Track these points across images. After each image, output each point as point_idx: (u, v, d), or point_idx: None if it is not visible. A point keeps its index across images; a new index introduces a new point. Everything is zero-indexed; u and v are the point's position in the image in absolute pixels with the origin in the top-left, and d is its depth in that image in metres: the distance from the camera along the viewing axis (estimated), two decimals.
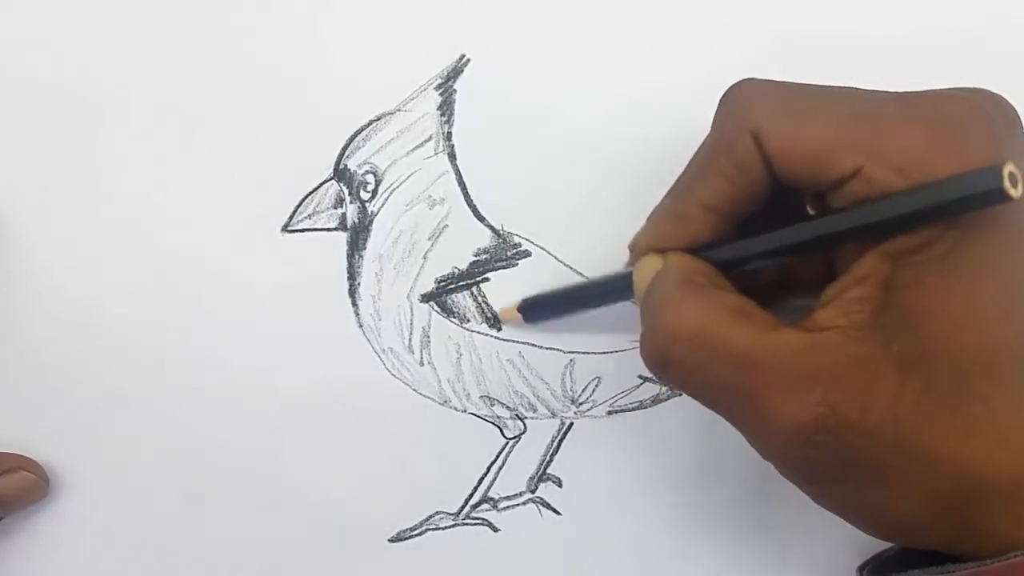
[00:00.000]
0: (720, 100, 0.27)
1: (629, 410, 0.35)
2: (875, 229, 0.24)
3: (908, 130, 0.24)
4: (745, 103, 0.26)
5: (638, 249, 0.29)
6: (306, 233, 0.34)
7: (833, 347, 0.24)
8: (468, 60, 0.34)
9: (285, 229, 0.34)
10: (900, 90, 0.26)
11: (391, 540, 0.35)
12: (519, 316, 0.34)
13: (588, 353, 0.34)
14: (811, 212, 0.29)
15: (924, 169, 0.23)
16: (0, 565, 0.35)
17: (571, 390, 0.35)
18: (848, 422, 0.24)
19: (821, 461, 0.25)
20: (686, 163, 0.28)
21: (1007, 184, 0.22)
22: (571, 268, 0.34)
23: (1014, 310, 0.24)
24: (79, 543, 0.35)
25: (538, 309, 0.34)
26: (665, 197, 0.29)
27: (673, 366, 0.26)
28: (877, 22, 0.34)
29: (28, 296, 0.34)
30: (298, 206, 0.34)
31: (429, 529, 0.35)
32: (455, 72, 0.34)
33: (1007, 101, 0.26)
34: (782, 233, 0.26)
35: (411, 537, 0.35)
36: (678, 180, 0.29)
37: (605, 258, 0.34)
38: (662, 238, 0.28)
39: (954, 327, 0.24)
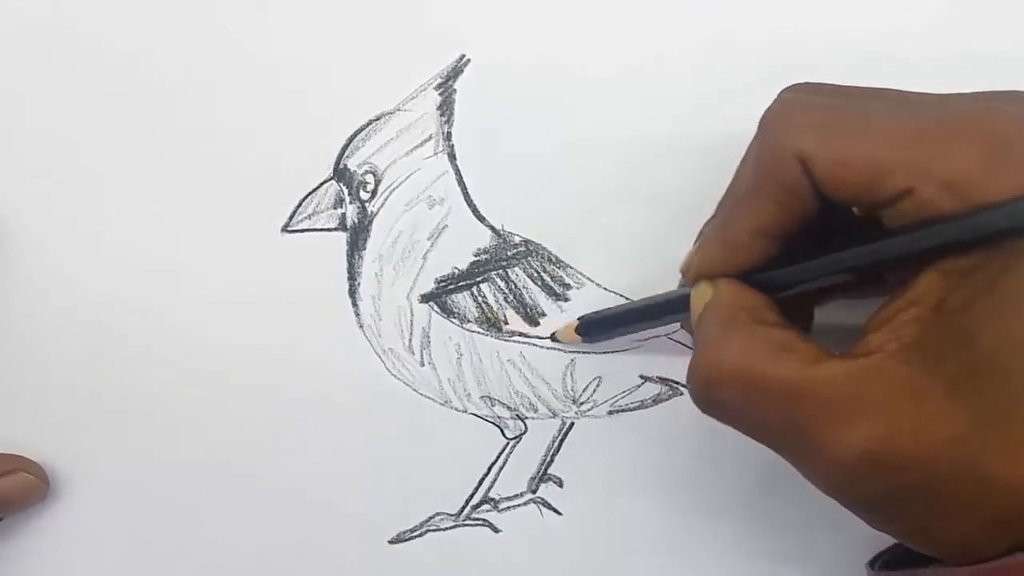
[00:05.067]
0: (761, 120, 0.26)
1: (630, 410, 0.35)
2: (927, 252, 0.24)
3: (960, 149, 0.23)
4: (788, 125, 0.26)
5: (689, 276, 0.29)
6: (306, 233, 0.34)
7: (881, 373, 0.24)
8: (468, 60, 0.34)
9: (285, 229, 0.34)
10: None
11: (391, 541, 0.35)
12: (577, 337, 0.33)
13: (589, 353, 0.34)
14: (858, 214, 0.28)
15: (977, 189, 0.23)
16: (0, 565, 0.35)
17: (572, 390, 0.35)
18: (901, 452, 0.24)
19: (876, 491, 0.25)
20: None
21: None
22: (572, 268, 0.34)
23: None
24: (79, 543, 0.35)
25: (597, 328, 0.33)
26: (712, 220, 0.29)
27: (718, 406, 0.26)
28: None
29: (28, 296, 0.35)
30: (298, 206, 0.34)
31: (429, 530, 0.35)
32: (455, 72, 0.34)
33: None
34: (834, 258, 0.26)
35: (411, 538, 0.35)
36: (724, 203, 0.28)
37: (606, 258, 0.34)
38: (712, 265, 0.28)
39: (1005, 349, 0.23)
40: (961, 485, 0.24)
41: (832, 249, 0.26)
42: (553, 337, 0.34)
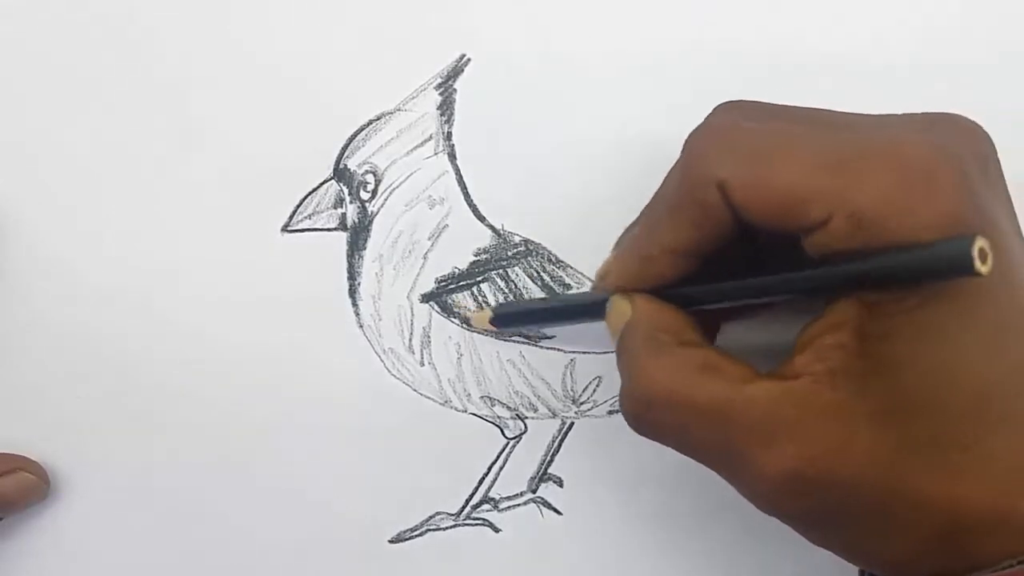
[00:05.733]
0: (684, 146, 0.27)
1: None
2: (840, 286, 0.24)
3: (876, 180, 0.23)
4: (709, 152, 0.26)
5: (606, 284, 0.29)
6: (306, 233, 0.34)
7: (807, 395, 0.24)
8: (468, 60, 0.34)
9: (285, 229, 0.34)
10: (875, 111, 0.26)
11: (391, 541, 0.35)
12: (490, 324, 0.34)
13: (588, 353, 0.34)
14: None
15: (893, 222, 0.23)
16: (0, 565, 0.35)
17: (572, 390, 0.35)
18: (826, 472, 0.24)
19: (806, 509, 0.25)
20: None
21: (976, 261, 0.21)
22: (572, 268, 0.34)
23: (989, 361, 0.24)
24: (79, 543, 0.35)
25: (510, 321, 0.33)
26: (630, 233, 0.29)
27: (650, 428, 0.27)
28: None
29: (28, 295, 0.34)
30: (298, 206, 0.34)
31: (430, 530, 0.35)
32: (455, 72, 0.34)
33: (980, 131, 0.25)
34: (749, 283, 0.26)
35: (411, 538, 0.35)
36: (644, 218, 0.29)
37: (605, 258, 0.34)
38: (629, 278, 0.28)
39: (930, 380, 0.24)
40: (892, 506, 0.24)
41: (749, 272, 0.26)
42: (467, 322, 0.34)
